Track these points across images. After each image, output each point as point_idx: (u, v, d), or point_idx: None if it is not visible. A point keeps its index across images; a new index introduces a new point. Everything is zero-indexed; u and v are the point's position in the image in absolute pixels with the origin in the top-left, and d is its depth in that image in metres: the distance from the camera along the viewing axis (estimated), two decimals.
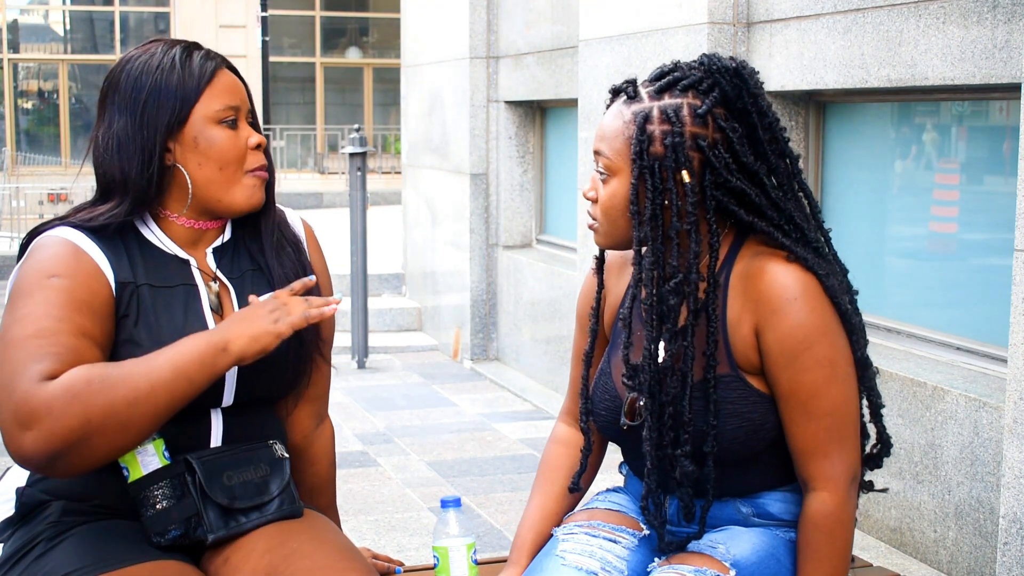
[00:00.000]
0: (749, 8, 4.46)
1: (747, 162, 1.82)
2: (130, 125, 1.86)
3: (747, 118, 1.83)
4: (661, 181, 1.80)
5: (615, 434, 1.97)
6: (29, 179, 16.12)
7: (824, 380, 1.79)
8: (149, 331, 1.83)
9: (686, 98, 1.82)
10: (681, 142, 1.79)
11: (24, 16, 22.24)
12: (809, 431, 1.80)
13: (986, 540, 3.42)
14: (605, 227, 1.87)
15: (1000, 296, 3.52)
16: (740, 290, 1.83)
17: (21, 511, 1.88)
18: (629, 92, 1.85)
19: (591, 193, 1.89)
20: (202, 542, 1.86)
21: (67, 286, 1.76)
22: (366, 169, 7.10)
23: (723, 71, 1.83)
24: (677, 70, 1.86)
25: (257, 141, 1.93)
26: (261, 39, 18.62)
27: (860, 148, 4.36)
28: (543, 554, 1.95)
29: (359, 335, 7.06)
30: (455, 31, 7.30)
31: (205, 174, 1.89)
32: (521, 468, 4.97)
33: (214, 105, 1.88)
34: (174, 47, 1.91)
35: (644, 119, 1.81)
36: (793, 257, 1.81)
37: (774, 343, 1.79)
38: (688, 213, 1.80)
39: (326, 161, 20.91)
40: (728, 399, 1.83)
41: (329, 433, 2.18)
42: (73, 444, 1.64)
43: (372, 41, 22.80)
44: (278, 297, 1.82)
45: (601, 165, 1.85)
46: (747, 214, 1.83)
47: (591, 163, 5.45)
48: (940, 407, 3.59)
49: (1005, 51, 3.34)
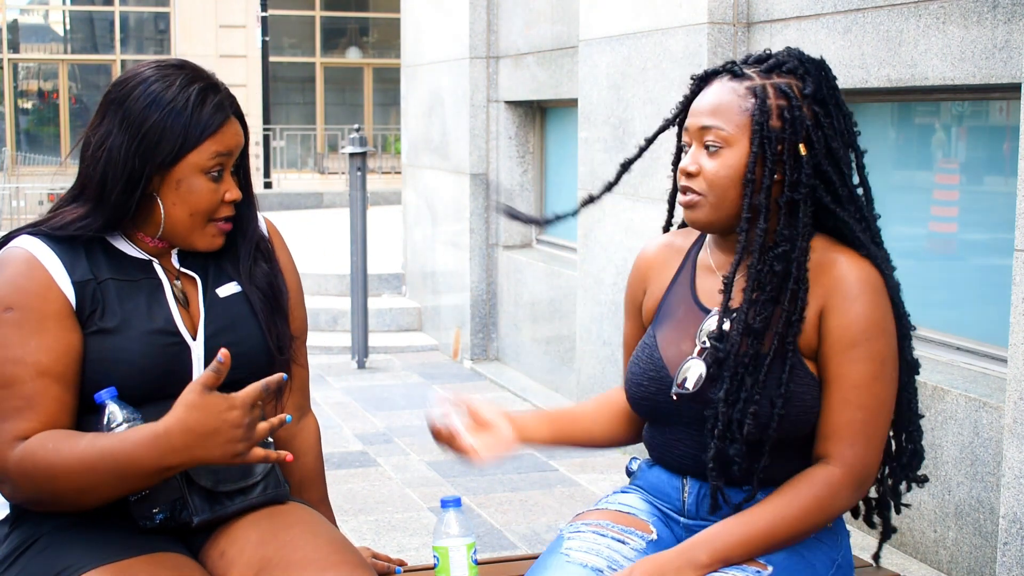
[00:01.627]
0: (749, 8, 4.46)
1: (835, 147, 1.89)
2: (125, 146, 1.88)
3: (827, 108, 1.91)
4: (778, 152, 1.86)
5: (655, 408, 1.98)
6: (29, 179, 16.13)
7: (872, 375, 1.84)
8: (115, 319, 1.87)
9: (791, 79, 1.89)
10: (800, 116, 1.86)
11: (24, 16, 22.24)
12: (844, 418, 1.84)
13: (986, 540, 3.42)
14: (712, 199, 1.89)
15: (1000, 296, 3.52)
16: (812, 278, 1.88)
17: (17, 510, 1.91)
18: (735, 71, 1.91)
19: (693, 167, 1.90)
20: (188, 525, 1.88)
21: (20, 319, 1.82)
22: (366, 169, 7.10)
23: (810, 61, 1.92)
24: (772, 56, 1.93)
25: (232, 197, 1.95)
26: (261, 39, 18.64)
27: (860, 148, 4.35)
28: (548, 552, 1.95)
29: (359, 335, 7.06)
30: (455, 31, 7.30)
31: (175, 213, 1.92)
32: (521, 468, 4.97)
33: (206, 155, 1.90)
34: (193, 84, 1.90)
35: (763, 92, 1.87)
36: (866, 253, 1.88)
37: (836, 328, 1.84)
38: (802, 184, 1.86)
39: (326, 161, 20.92)
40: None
41: (313, 426, 2.19)
42: (37, 503, 1.84)
43: (372, 41, 22.80)
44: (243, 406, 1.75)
45: (712, 138, 1.88)
46: (832, 201, 1.89)
47: (590, 161, 5.45)
48: (940, 407, 3.59)
49: (1005, 51, 3.34)
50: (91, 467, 1.75)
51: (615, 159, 5.21)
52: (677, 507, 1.99)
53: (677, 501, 1.98)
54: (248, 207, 2.03)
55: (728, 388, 1.86)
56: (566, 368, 6.05)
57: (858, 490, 1.86)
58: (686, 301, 2.00)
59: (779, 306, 1.86)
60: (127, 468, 1.74)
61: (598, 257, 5.39)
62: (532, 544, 4.06)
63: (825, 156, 1.88)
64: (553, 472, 4.91)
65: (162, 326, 1.90)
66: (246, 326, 1.98)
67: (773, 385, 1.85)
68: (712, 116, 1.89)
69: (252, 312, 1.99)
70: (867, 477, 1.86)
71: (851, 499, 1.86)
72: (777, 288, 1.86)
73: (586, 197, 2.17)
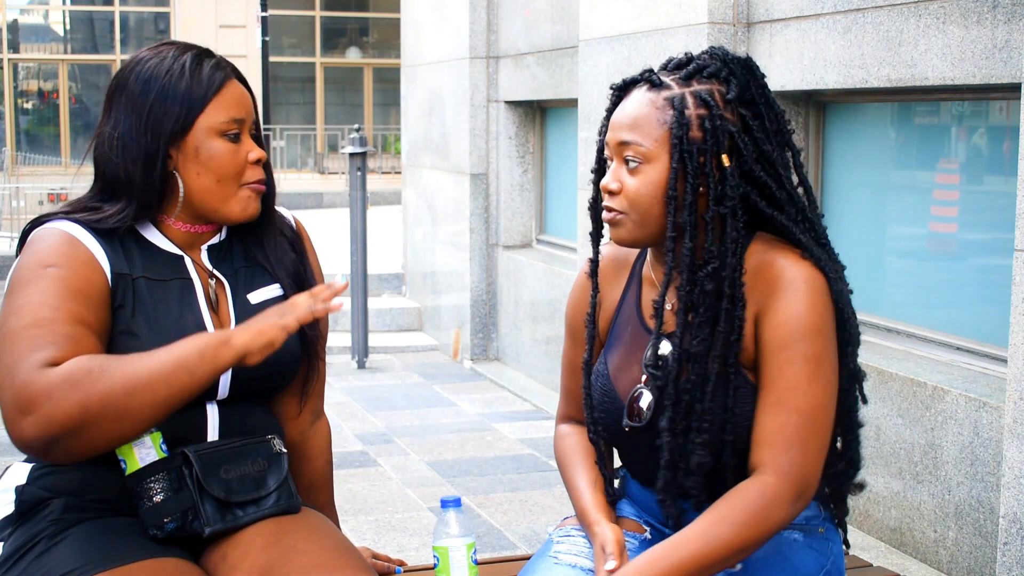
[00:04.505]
0: (749, 8, 4.46)
1: (767, 150, 1.81)
2: (135, 128, 1.87)
3: (756, 109, 1.82)
4: (700, 165, 1.78)
5: (614, 437, 1.94)
6: (29, 179, 16.11)
7: (807, 376, 1.73)
8: (147, 321, 1.85)
9: (713, 85, 1.81)
10: (721, 125, 1.77)
11: (24, 16, 22.23)
12: (778, 423, 1.73)
13: (986, 540, 3.42)
14: (635, 218, 1.81)
15: (1000, 296, 3.52)
16: (750, 285, 1.80)
17: (21, 509, 1.88)
18: (653, 80, 1.82)
19: (614, 185, 1.82)
20: (199, 535, 1.86)
21: (63, 275, 1.78)
22: (366, 169, 7.10)
23: (735, 61, 1.83)
24: (693, 60, 1.85)
25: (257, 156, 1.93)
26: (261, 39, 18.62)
27: (860, 148, 4.36)
28: (537, 555, 1.95)
29: (359, 335, 7.06)
30: (455, 31, 7.30)
31: (203, 184, 1.90)
32: (521, 468, 4.97)
33: (219, 117, 1.89)
34: (185, 52, 1.91)
35: (680, 103, 1.79)
36: (807, 255, 1.79)
37: (769, 328, 1.76)
38: (728, 197, 1.77)
39: (326, 161, 20.91)
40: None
41: (325, 430, 2.18)
42: (71, 430, 1.66)
43: (372, 41, 22.80)
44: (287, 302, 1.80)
45: (631, 154, 1.80)
46: (767, 206, 1.81)
47: (590, 161, 5.44)
48: (940, 407, 3.59)
49: (1005, 51, 3.34)
50: (150, 357, 1.69)
51: None
52: (661, 519, 1.95)
53: (660, 515, 1.94)
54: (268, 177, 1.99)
55: (672, 417, 1.78)
56: None
57: (796, 500, 1.73)
58: (633, 322, 1.92)
59: (716, 326, 1.77)
60: (180, 348, 1.70)
61: None
62: (532, 544, 4.06)
63: (756, 161, 1.79)
64: (553, 472, 4.91)
65: (192, 331, 1.86)
66: None
67: (719, 410, 1.77)
68: (630, 131, 1.80)
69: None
70: (806, 486, 1.74)
71: (789, 510, 1.73)
72: (711, 307, 1.78)
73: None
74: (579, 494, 1.94)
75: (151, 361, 1.70)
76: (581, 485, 1.95)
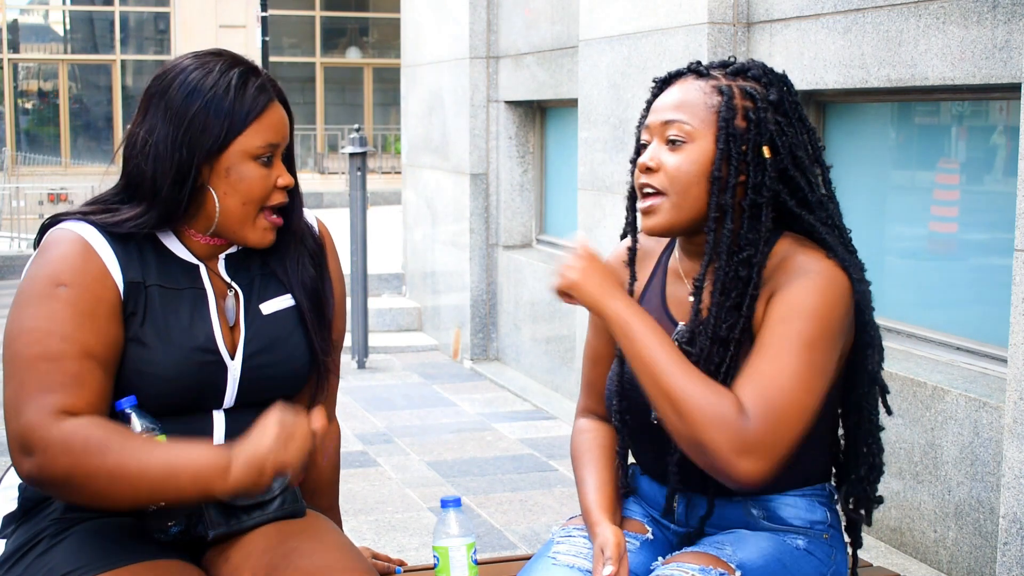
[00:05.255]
0: (749, 8, 4.46)
1: (800, 157, 1.84)
2: (171, 139, 1.83)
3: (790, 120, 1.86)
4: (743, 153, 1.81)
5: (637, 429, 1.94)
6: (29, 179, 16.12)
7: (795, 352, 1.70)
8: (156, 330, 1.84)
9: (757, 84, 1.85)
10: (765, 118, 1.82)
11: (24, 16, 22.23)
12: (750, 370, 1.71)
13: (986, 540, 3.42)
14: (673, 197, 1.82)
15: (1000, 296, 3.52)
16: (770, 274, 1.81)
17: (24, 506, 1.88)
18: (700, 71, 1.87)
19: (652, 162, 1.84)
20: (203, 539, 1.86)
21: (73, 297, 1.77)
22: (366, 169, 7.10)
23: (773, 73, 1.88)
24: (737, 63, 1.89)
25: (285, 183, 1.91)
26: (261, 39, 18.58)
27: (860, 148, 4.36)
28: (537, 556, 1.95)
29: (359, 335, 7.06)
30: (455, 31, 7.30)
31: (227, 204, 1.87)
32: (521, 468, 4.97)
33: (255, 141, 1.86)
34: (233, 68, 1.87)
35: (728, 91, 1.83)
36: (832, 255, 1.81)
37: (773, 305, 1.76)
38: (766, 187, 1.81)
39: (326, 161, 20.92)
40: None
41: (335, 434, 2.17)
42: (60, 485, 1.72)
43: (372, 41, 22.80)
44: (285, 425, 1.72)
45: (675, 131, 1.82)
46: (797, 206, 1.85)
47: (590, 161, 5.45)
48: (940, 407, 3.59)
49: (1005, 51, 3.34)
50: (148, 454, 1.69)
51: (615, 159, 5.21)
52: (668, 516, 1.97)
53: (668, 510, 1.96)
54: (295, 199, 1.97)
55: None
56: (566, 368, 6.05)
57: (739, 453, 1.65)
58: (657, 312, 1.93)
59: (741, 311, 1.80)
60: (178, 459, 1.69)
61: None
62: (532, 544, 4.06)
63: (791, 162, 1.83)
64: (553, 472, 4.91)
65: (202, 343, 1.86)
66: (286, 346, 1.94)
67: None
68: (676, 110, 1.83)
69: (298, 323, 1.96)
70: (752, 449, 1.65)
71: (724, 448, 1.65)
72: (740, 294, 1.80)
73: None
74: (585, 493, 1.96)
75: (147, 458, 1.69)
76: (589, 484, 1.97)
